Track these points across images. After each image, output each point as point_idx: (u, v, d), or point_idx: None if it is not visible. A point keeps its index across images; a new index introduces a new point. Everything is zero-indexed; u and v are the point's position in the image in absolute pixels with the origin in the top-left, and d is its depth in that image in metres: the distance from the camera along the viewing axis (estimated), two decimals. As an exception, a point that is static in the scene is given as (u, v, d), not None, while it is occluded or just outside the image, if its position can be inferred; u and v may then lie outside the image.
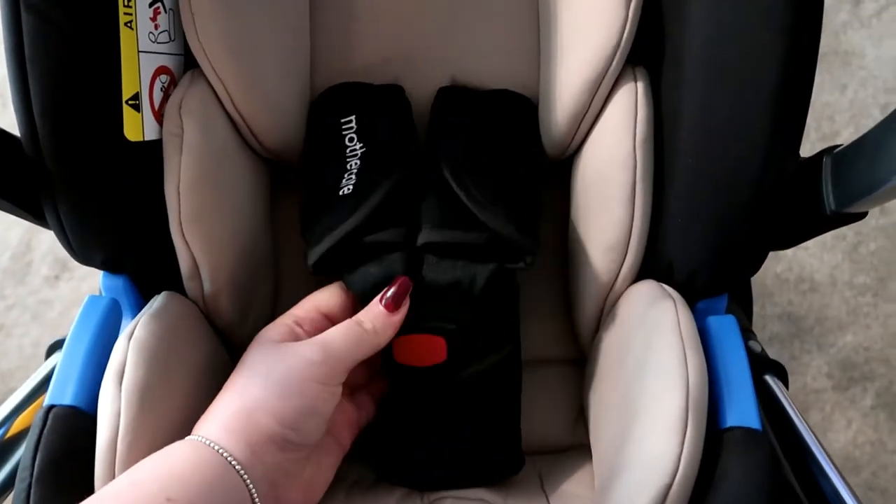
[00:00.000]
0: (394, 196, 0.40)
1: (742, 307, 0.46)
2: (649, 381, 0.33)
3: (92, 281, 0.96)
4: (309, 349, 0.36)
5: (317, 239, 0.39)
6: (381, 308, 0.38)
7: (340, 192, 0.40)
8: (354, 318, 0.38)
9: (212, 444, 0.32)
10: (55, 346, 0.45)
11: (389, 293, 0.38)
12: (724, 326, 0.35)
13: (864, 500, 0.34)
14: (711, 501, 0.30)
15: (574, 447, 0.43)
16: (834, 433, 0.81)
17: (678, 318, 0.34)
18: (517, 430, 0.42)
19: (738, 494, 0.30)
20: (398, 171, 0.40)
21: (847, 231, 0.89)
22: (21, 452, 0.40)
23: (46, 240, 0.98)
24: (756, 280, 0.89)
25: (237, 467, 0.32)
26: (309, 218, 0.41)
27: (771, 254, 0.89)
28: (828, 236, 0.90)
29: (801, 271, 0.88)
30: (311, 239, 0.40)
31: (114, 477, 0.31)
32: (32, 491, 0.30)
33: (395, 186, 0.40)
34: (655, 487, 0.30)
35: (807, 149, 0.39)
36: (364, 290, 0.39)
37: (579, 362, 0.45)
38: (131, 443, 0.32)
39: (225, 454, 0.32)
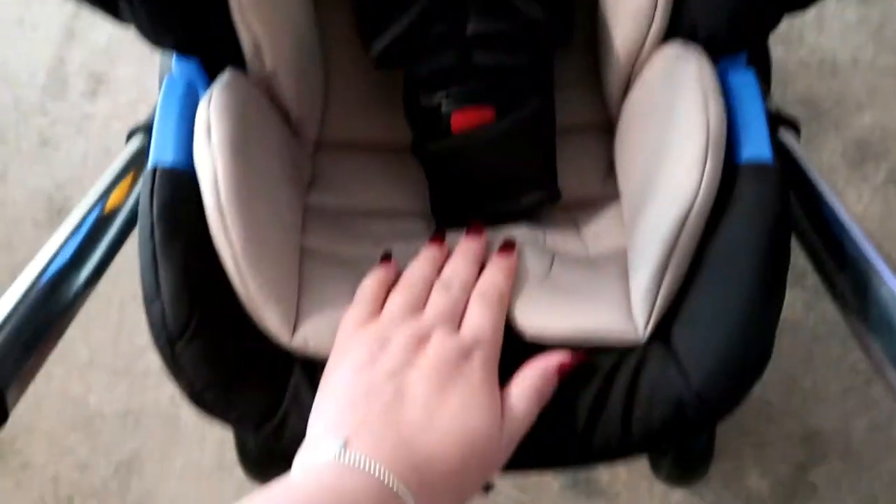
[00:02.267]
0: None
1: (760, 74, 0.49)
2: (674, 127, 0.38)
3: (129, 93, 0.99)
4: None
5: (379, 30, 0.43)
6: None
7: None
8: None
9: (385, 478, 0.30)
10: (135, 131, 0.49)
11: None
12: (743, 78, 0.39)
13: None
14: (725, 222, 0.36)
15: (605, 198, 0.48)
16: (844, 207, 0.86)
17: (700, 71, 0.38)
18: (553, 168, 0.48)
19: (750, 214, 0.35)
20: None
21: (873, 12, 0.89)
22: (119, 222, 0.47)
23: (78, 55, 1.00)
24: (778, 65, 0.91)
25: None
26: (365, 12, 0.45)
27: (794, 38, 0.90)
28: (852, 17, 0.90)
29: (823, 55, 0.89)
30: (372, 31, 0.44)
31: (223, 214, 0.37)
32: (155, 229, 0.37)
33: None
34: (677, 213, 0.35)
35: None
36: (430, 76, 0.44)
37: (609, 127, 0.50)
38: (230, 185, 0.37)
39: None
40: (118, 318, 0.95)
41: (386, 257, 0.43)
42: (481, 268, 0.41)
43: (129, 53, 0.99)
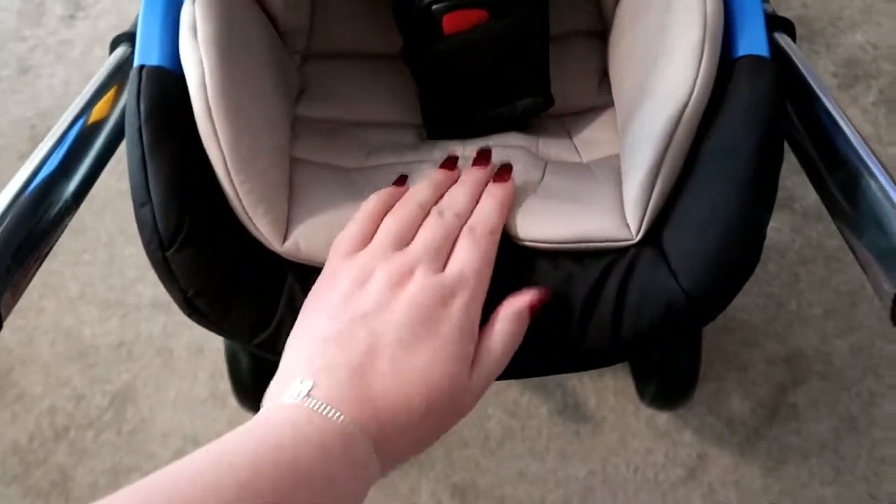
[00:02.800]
0: None
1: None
2: (671, 21, 0.37)
3: (108, 18, 0.96)
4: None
5: None
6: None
7: None
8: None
9: (332, 413, 0.30)
10: (118, 40, 0.48)
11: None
12: (741, -25, 0.38)
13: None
14: (719, 121, 0.35)
15: (598, 107, 0.48)
16: (832, 132, 0.86)
17: None
18: (546, 74, 0.47)
19: (744, 109, 0.35)
20: None
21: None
22: (105, 133, 0.46)
23: (55, -22, 0.97)
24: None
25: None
26: None
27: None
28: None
29: (818, -26, 0.88)
30: None
31: (210, 114, 0.36)
32: (143, 130, 0.36)
33: None
34: (673, 107, 0.35)
35: None
36: None
37: (604, 34, 0.49)
38: (217, 84, 0.36)
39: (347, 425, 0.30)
40: (107, 252, 0.95)
41: (400, 180, 0.43)
42: None
43: (106, -22, 0.96)
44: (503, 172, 0.41)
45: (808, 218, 0.83)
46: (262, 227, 0.38)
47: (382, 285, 0.35)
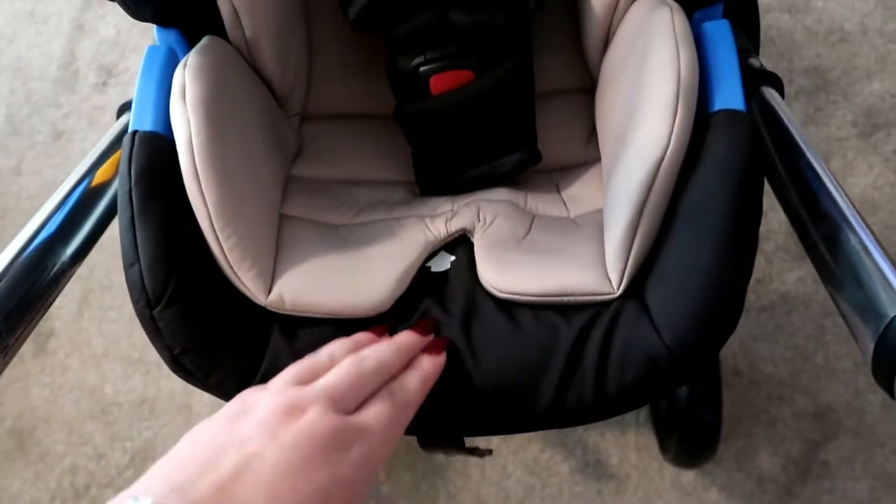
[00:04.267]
0: None
1: (746, 32, 0.48)
2: (646, 77, 0.37)
3: (138, 85, 1.01)
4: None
5: None
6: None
7: None
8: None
9: None
10: (124, 108, 0.50)
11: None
12: (717, 29, 0.39)
13: (882, 237, 0.36)
14: (696, 174, 0.35)
15: (587, 163, 0.48)
16: (854, 178, 0.85)
17: (673, 21, 0.37)
18: (533, 130, 0.48)
19: (721, 162, 0.34)
20: None
21: (882, -22, 0.87)
22: (108, 196, 0.47)
23: (88, 47, 1.01)
24: (784, 34, 0.89)
25: None
26: None
27: (801, 5, 0.88)
28: (861, -15, 0.88)
29: (830, 23, 0.87)
30: None
31: (196, 172, 0.37)
32: (133, 192, 0.37)
33: None
34: (650, 162, 0.35)
35: None
36: (407, 37, 0.45)
37: (591, 91, 0.50)
38: (203, 143, 0.37)
39: None
40: (131, 310, 0.97)
41: (380, 325, 0.39)
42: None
43: (137, 44, 1.01)
44: (437, 345, 0.38)
45: (830, 267, 0.81)
46: (246, 281, 0.38)
47: (268, 413, 0.31)
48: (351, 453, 0.30)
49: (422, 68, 0.45)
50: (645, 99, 0.37)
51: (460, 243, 0.43)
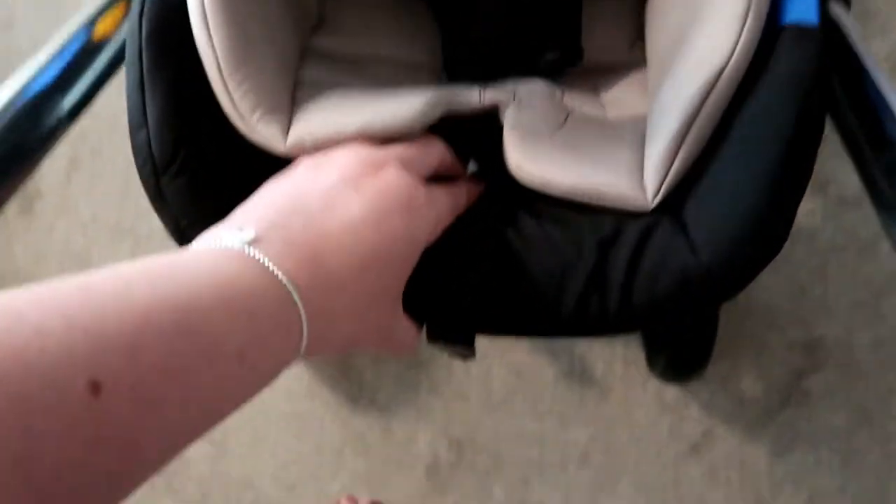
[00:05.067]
0: None
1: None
2: None
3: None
4: None
5: None
6: None
7: None
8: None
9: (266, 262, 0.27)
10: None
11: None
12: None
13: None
14: (756, 89, 0.32)
15: (629, 65, 0.45)
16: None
17: None
18: (577, 25, 0.44)
19: (783, 81, 0.32)
20: None
21: None
22: (111, 52, 0.44)
23: None
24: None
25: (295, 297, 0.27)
26: None
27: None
28: None
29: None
30: None
31: (205, 15, 0.34)
32: (143, 52, 0.34)
33: None
34: (709, 71, 0.32)
35: None
36: None
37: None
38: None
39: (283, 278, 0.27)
40: (124, 179, 0.94)
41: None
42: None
43: None
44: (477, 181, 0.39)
45: (842, 204, 0.80)
46: (261, 128, 0.35)
47: (352, 164, 0.33)
48: (422, 213, 0.33)
49: None
50: (711, 5, 0.33)
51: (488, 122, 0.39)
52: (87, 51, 0.42)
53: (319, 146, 0.35)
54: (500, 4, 0.43)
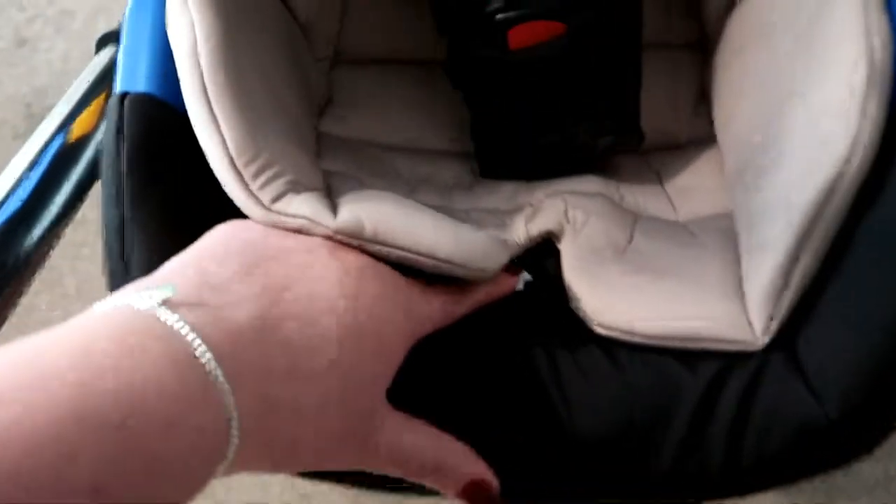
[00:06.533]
0: None
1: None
2: (816, 48, 0.27)
3: (112, -13, 0.88)
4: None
5: None
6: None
7: None
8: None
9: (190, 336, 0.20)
10: (106, 39, 0.40)
11: None
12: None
13: None
14: (881, 191, 0.26)
15: (692, 142, 0.39)
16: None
17: None
18: (637, 103, 0.37)
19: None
20: None
21: None
22: (89, 154, 0.38)
23: (55, -59, 0.88)
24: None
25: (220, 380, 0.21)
26: None
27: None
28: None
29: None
30: None
31: (204, 88, 0.26)
32: (125, 183, 0.27)
33: None
34: (828, 165, 0.26)
35: None
36: None
37: (703, 46, 0.40)
38: (214, 47, 0.27)
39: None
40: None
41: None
42: None
43: (110, -58, 0.88)
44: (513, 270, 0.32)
45: None
46: (297, 206, 0.27)
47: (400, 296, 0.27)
48: (429, 293, 0.28)
49: (499, 15, 0.34)
50: (814, 84, 0.27)
51: (543, 254, 0.33)
52: (63, 156, 0.36)
53: (378, 241, 0.27)
54: (543, 83, 0.36)
